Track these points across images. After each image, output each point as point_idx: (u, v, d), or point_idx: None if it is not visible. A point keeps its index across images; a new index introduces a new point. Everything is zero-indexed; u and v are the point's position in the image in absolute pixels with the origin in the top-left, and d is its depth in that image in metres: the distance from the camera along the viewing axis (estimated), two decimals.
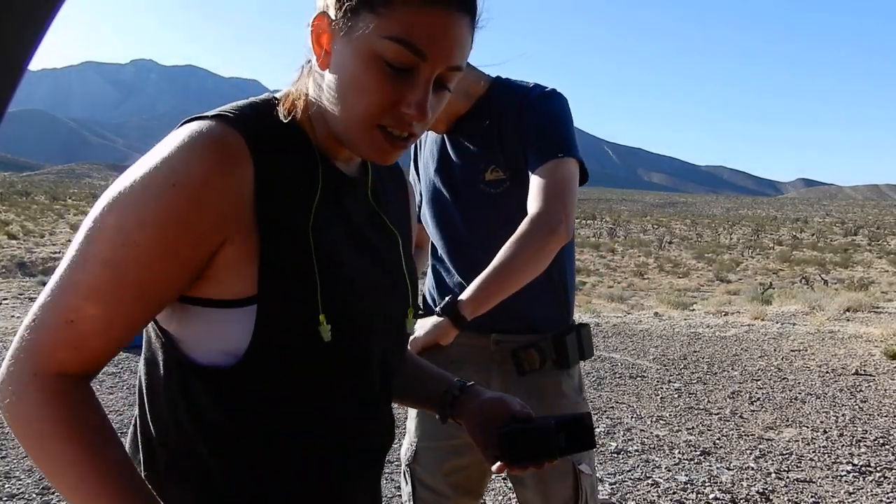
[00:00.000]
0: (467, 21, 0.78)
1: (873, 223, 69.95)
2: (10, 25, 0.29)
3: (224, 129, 0.75)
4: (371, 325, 0.86)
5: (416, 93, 0.78)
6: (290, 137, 0.83)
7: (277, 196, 0.78)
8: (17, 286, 14.54)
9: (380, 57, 0.76)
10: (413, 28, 0.75)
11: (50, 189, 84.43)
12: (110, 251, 0.72)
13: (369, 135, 0.80)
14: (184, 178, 0.72)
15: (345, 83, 0.79)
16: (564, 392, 1.64)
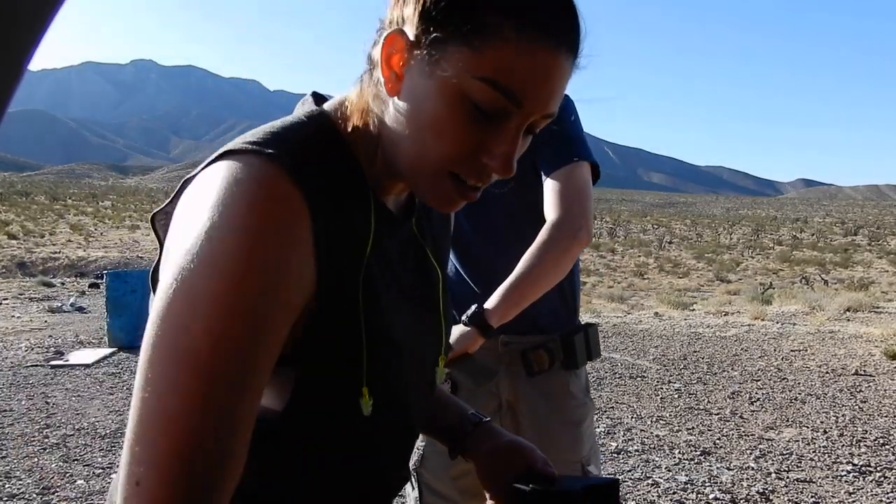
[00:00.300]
0: (571, 62, 0.67)
1: (873, 223, 69.95)
2: (10, 25, 0.29)
3: (279, 181, 0.62)
4: (408, 392, 0.79)
5: (503, 144, 0.67)
6: (342, 168, 0.71)
7: (333, 250, 0.67)
8: (17, 286, 14.54)
9: (467, 98, 0.65)
10: (512, 70, 0.64)
11: (50, 189, 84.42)
12: (213, 362, 0.57)
13: (439, 181, 0.70)
14: (261, 254, 0.60)
15: (420, 120, 0.67)
16: (572, 392, 1.63)
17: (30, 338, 7.72)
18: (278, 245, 0.61)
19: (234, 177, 0.62)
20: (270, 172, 0.62)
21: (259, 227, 0.60)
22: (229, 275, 0.58)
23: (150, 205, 57.84)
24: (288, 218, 0.62)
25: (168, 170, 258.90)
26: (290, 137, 0.68)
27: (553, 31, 0.64)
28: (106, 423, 4.56)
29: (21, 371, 6.04)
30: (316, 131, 0.72)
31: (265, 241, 0.60)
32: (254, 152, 0.63)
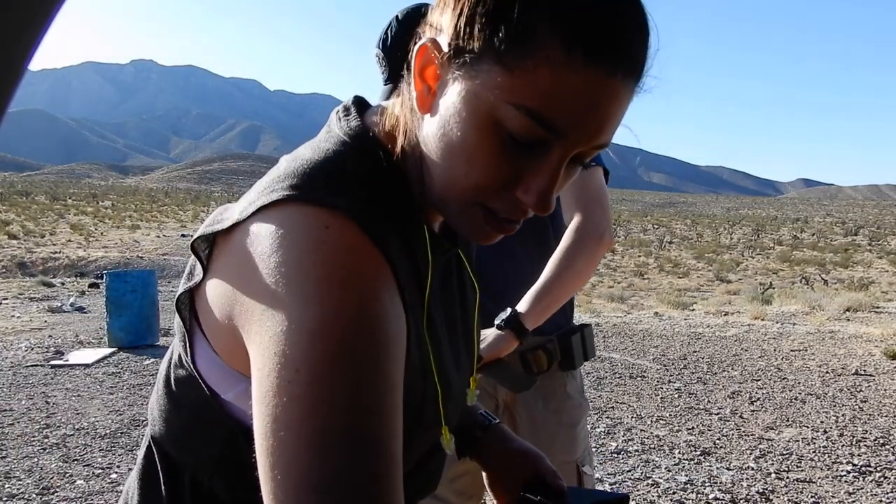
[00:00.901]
0: (630, 87, 0.57)
1: (873, 223, 69.97)
2: (10, 25, 0.29)
3: (352, 236, 0.57)
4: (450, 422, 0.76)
5: (540, 178, 0.59)
6: (395, 198, 0.66)
7: (407, 291, 0.62)
8: (17, 286, 14.54)
9: (501, 125, 0.57)
10: (553, 97, 0.55)
11: (50, 189, 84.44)
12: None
13: (468, 212, 0.63)
14: (360, 313, 0.54)
15: (450, 144, 0.60)
16: (569, 393, 1.65)
17: (30, 338, 7.72)
18: (379, 311, 0.55)
19: (306, 243, 0.56)
20: (342, 231, 0.57)
21: (358, 287, 0.55)
22: (360, 359, 0.53)
23: (150, 204, 57.86)
24: (386, 280, 0.58)
25: (168, 170, 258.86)
26: (342, 173, 0.63)
27: (610, 52, 0.54)
28: (106, 423, 4.56)
29: (21, 371, 6.05)
30: (363, 157, 0.66)
31: (367, 303, 0.55)
32: (314, 201, 0.58)
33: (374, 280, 0.57)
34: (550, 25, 0.54)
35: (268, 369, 0.54)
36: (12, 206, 44.53)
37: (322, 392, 0.52)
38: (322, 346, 0.52)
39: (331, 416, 0.51)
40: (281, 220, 0.58)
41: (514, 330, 1.42)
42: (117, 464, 3.83)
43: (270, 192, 0.60)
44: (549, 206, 0.60)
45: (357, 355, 0.53)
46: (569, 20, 0.54)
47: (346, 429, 0.51)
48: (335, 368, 0.52)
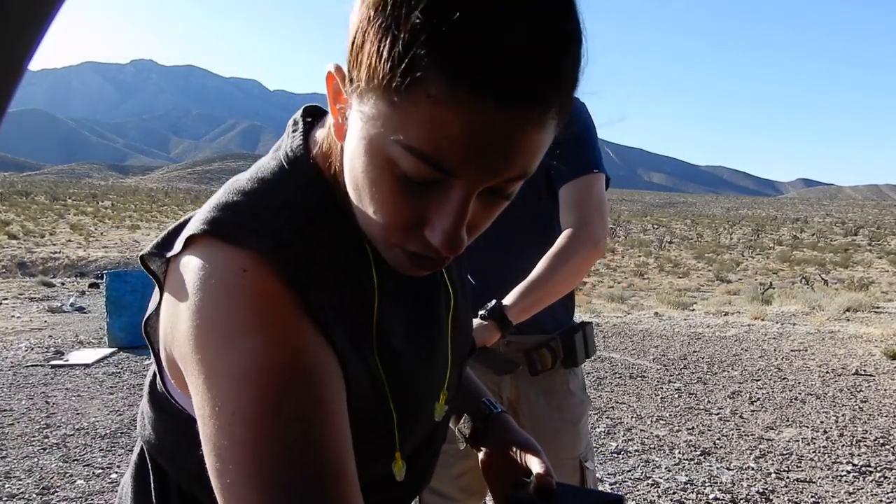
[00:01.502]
0: (538, 113, 0.50)
1: (873, 223, 69.97)
2: (10, 25, 0.29)
3: (267, 281, 0.57)
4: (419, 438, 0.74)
5: (445, 219, 0.55)
6: (330, 224, 0.63)
7: (338, 324, 0.61)
8: (17, 286, 14.54)
9: (396, 164, 0.53)
10: (439, 136, 0.50)
11: (50, 189, 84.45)
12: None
13: (389, 252, 0.61)
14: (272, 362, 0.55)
15: (356, 180, 0.57)
16: (572, 390, 1.66)
17: (30, 338, 7.73)
18: (302, 346, 0.56)
19: (224, 289, 0.56)
20: (258, 276, 0.57)
21: (274, 331, 0.55)
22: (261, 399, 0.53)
23: (150, 204, 57.87)
24: (299, 322, 0.57)
25: (168, 170, 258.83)
26: (271, 207, 0.62)
27: (501, 83, 0.48)
28: (106, 423, 4.56)
29: (21, 371, 6.05)
30: (298, 184, 0.64)
31: (284, 345, 0.55)
32: (235, 241, 0.58)
33: (290, 322, 0.56)
34: (432, 57, 0.48)
35: (205, 414, 0.55)
36: (12, 206, 44.54)
37: (259, 434, 0.53)
38: (250, 392, 0.53)
39: (270, 456, 0.53)
40: (203, 259, 0.58)
41: (497, 321, 1.43)
42: (117, 464, 3.83)
43: (197, 224, 0.61)
44: (458, 247, 0.56)
45: (286, 394, 0.54)
46: (452, 51, 0.48)
47: (287, 467, 0.52)
48: (266, 410, 0.53)
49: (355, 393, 0.61)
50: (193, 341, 0.57)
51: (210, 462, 0.55)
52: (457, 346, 0.79)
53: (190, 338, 0.57)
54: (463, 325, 0.82)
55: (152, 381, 0.74)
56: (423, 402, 0.74)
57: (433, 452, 0.82)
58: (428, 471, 0.83)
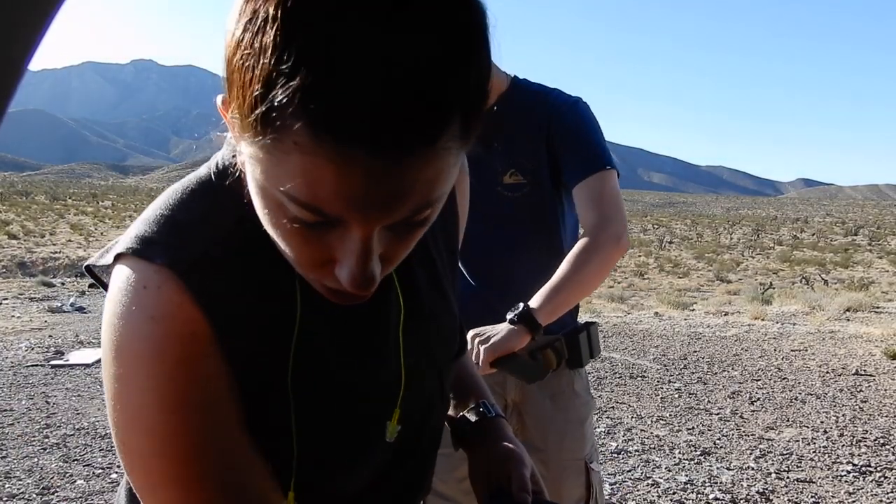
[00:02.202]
0: (420, 153, 0.46)
1: (873, 223, 69.95)
2: (10, 25, 0.29)
3: (169, 298, 0.57)
4: (352, 466, 0.70)
5: (348, 258, 0.52)
6: (252, 240, 0.60)
7: (238, 348, 0.60)
8: (17, 286, 14.54)
9: (286, 209, 0.50)
10: (315, 186, 0.46)
11: (50, 189, 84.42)
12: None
13: (315, 284, 0.58)
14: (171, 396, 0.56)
15: (260, 216, 0.55)
16: (577, 391, 1.66)
17: (30, 338, 7.72)
18: (198, 378, 0.57)
19: (120, 310, 0.57)
20: (157, 294, 0.57)
21: (163, 367, 0.56)
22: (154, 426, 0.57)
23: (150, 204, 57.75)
24: (199, 346, 0.57)
25: (168, 170, 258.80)
26: (189, 220, 0.61)
27: (369, 128, 0.44)
28: (106, 423, 4.54)
29: (21, 371, 6.04)
30: (223, 195, 0.61)
31: (173, 381, 0.56)
32: (144, 257, 0.58)
33: (183, 349, 0.57)
34: (295, 106, 0.44)
35: (112, 434, 0.60)
36: (12, 206, 44.53)
37: (138, 465, 0.58)
38: (137, 428, 0.58)
39: (149, 488, 0.58)
40: (116, 276, 0.60)
41: (526, 325, 1.42)
42: (117, 464, 3.83)
43: (125, 239, 0.62)
44: (369, 284, 0.53)
45: (168, 436, 0.56)
46: (310, 100, 0.43)
47: (179, 500, 0.57)
48: (147, 448, 0.57)
49: (252, 419, 0.61)
50: (104, 359, 0.59)
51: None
52: (415, 359, 0.74)
53: (103, 354, 0.60)
54: (426, 332, 0.76)
55: None
56: (362, 426, 0.70)
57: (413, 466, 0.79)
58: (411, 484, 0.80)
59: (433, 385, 0.78)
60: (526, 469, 0.85)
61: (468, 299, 1.56)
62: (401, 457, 0.75)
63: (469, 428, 0.90)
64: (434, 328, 0.77)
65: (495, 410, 0.93)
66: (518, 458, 0.86)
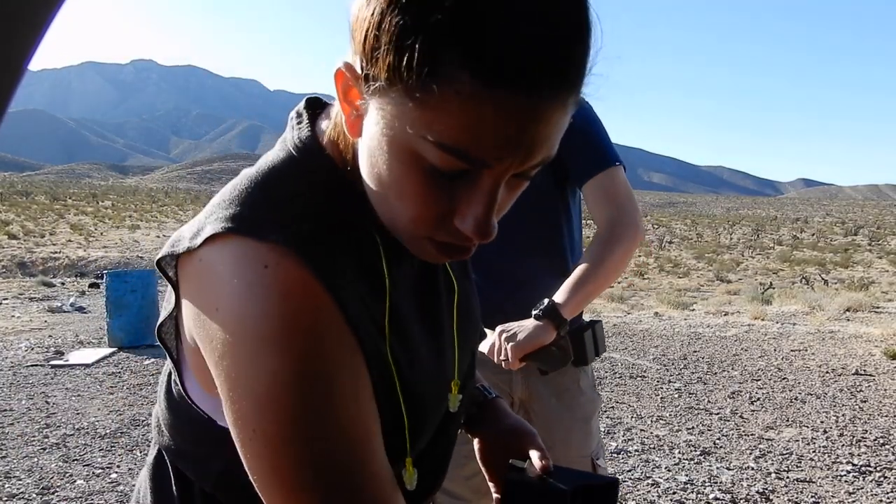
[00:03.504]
0: (560, 100, 0.52)
1: (873, 223, 69.95)
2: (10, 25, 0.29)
3: (295, 276, 0.56)
4: (429, 432, 0.73)
5: (475, 207, 0.56)
6: (346, 214, 0.63)
7: (362, 319, 0.61)
8: (17, 286, 14.54)
9: (423, 158, 0.53)
10: (469, 131, 0.51)
11: (50, 189, 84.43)
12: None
13: (417, 244, 0.61)
14: (308, 372, 0.55)
15: (379, 176, 0.57)
16: (582, 388, 1.67)
17: (30, 338, 7.72)
18: (330, 352, 0.57)
19: (244, 290, 0.56)
20: (281, 270, 0.56)
21: (295, 344, 0.55)
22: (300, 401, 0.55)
23: (150, 204, 57.85)
24: (328, 320, 0.57)
25: (168, 170, 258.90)
26: (287, 197, 0.61)
27: (527, 74, 0.49)
28: (106, 423, 4.56)
29: (21, 371, 6.05)
30: (311, 174, 0.64)
31: (306, 357, 0.55)
32: (254, 235, 0.58)
33: (314, 322, 0.56)
34: (455, 54, 0.49)
35: (231, 422, 0.58)
36: (12, 206, 44.54)
37: (278, 450, 0.55)
38: (268, 412, 0.55)
39: (293, 470, 0.55)
40: (222, 257, 0.58)
41: (552, 319, 1.45)
42: (117, 464, 3.83)
43: (215, 221, 0.59)
44: (489, 234, 0.57)
45: (305, 413, 0.55)
46: (474, 47, 0.48)
47: (311, 482, 0.55)
48: (284, 431, 0.55)
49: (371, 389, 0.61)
50: (219, 348, 0.57)
51: (245, 463, 0.58)
52: (463, 335, 0.78)
53: (215, 344, 0.57)
54: (468, 313, 0.81)
55: (168, 387, 0.73)
56: (435, 395, 0.73)
57: (447, 444, 0.81)
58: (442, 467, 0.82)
59: (471, 363, 0.83)
60: (538, 438, 0.89)
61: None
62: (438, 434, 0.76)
63: (474, 411, 0.93)
64: (470, 311, 0.82)
65: (493, 392, 0.96)
66: (529, 432, 0.89)
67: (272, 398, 0.54)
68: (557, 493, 0.79)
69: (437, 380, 0.73)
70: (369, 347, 0.61)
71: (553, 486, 0.80)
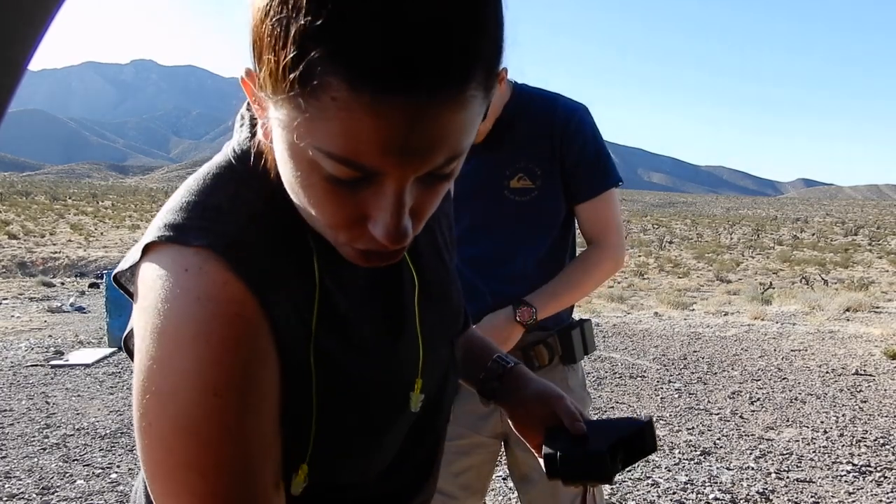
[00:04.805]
0: (450, 97, 0.49)
1: (873, 223, 69.93)
2: (10, 25, 0.29)
3: (212, 278, 0.57)
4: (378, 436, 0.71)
5: (382, 212, 0.53)
6: (275, 220, 0.62)
7: (287, 327, 0.61)
8: (17, 286, 14.54)
9: (319, 167, 0.52)
10: (354, 140, 0.49)
11: (50, 189, 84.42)
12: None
13: (341, 249, 0.60)
14: (218, 378, 0.55)
15: (290, 183, 0.56)
16: (571, 387, 1.68)
17: (30, 338, 7.72)
18: (241, 361, 0.56)
19: (163, 294, 0.56)
20: (201, 274, 0.56)
21: (208, 350, 0.55)
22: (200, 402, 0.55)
23: (150, 204, 57.85)
24: (244, 327, 0.57)
25: (168, 170, 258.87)
26: (216, 204, 0.61)
27: (402, 77, 0.46)
28: (106, 423, 4.56)
29: (21, 371, 6.04)
30: (244, 178, 0.63)
31: (217, 364, 0.55)
32: (180, 241, 0.58)
33: (229, 331, 0.56)
34: (330, 63, 0.46)
35: (134, 415, 0.58)
36: (12, 206, 44.54)
37: (168, 448, 0.56)
38: (170, 410, 0.55)
39: (177, 471, 0.56)
40: (153, 264, 0.59)
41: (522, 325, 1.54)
42: (117, 464, 3.83)
43: (152, 231, 0.61)
44: (403, 238, 0.54)
45: (204, 419, 0.55)
46: (344, 50, 0.46)
47: (194, 485, 0.55)
48: (180, 430, 0.55)
49: (283, 395, 0.61)
50: (138, 344, 0.58)
51: (139, 456, 0.59)
52: (429, 329, 0.76)
53: (138, 341, 0.58)
54: (439, 304, 0.79)
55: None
56: (387, 396, 0.71)
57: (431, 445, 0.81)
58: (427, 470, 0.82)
59: (447, 357, 0.81)
60: (566, 400, 0.89)
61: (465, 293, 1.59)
62: (420, 433, 0.77)
63: (497, 382, 0.93)
64: (444, 301, 0.81)
65: (512, 360, 0.96)
66: (555, 393, 0.90)
67: (176, 398, 0.55)
68: (595, 456, 0.81)
69: (390, 380, 0.72)
70: (294, 350, 0.61)
71: (589, 450, 0.82)
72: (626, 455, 0.85)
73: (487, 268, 1.61)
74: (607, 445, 0.82)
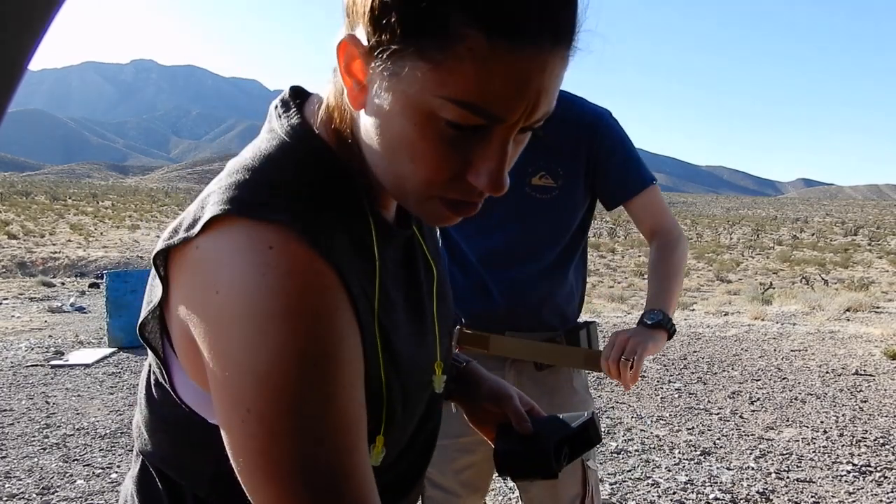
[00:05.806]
0: (561, 54, 0.55)
1: (873, 223, 69.93)
2: (11, 25, 0.29)
3: (301, 257, 0.56)
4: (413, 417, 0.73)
5: (490, 161, 0.58)
6: (340, 195, 0.65)
7: (358, 298, 0.61)
8: (17, 286, 14.54)
9: (437, 116, 0.55)
10: (484, 87, 0.53)
11: (50, 189, 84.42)
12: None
13: (427, 205, 0.62)
14: (308, 343, 0.55)
15: (391, 141, 0.58)
16: (575, 388, 1.68)
17: (30, 338, 7.72)
18: (336, 331, 0.56)
19: (249, 270, 0.55)
20: (287, 250, 0.56)
21: (302, 322, 0.54)
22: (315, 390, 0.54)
23: (150, 204, 57.86)
24: (333, 298, 0.57)
25: (168, 170, 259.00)
26: (284, 180, 0.62)
27: (532, 29, 0.52)
28: (106, 423, 4.56)
29: (21, 371, 6.04)
30: (305, 156, 0.64)
31: (312, 337, 0.55)
32: (256, 217, 0.57)
33: (321, 302, 0.56)
34: (464, 15, 0.51)
35: (222, 406, 0.56)
36: (12, 206, 44.55)
37: (272, 433, 0.54)
38: (269, 389, 0.54)
39: (284, 453, 0.54)
40: (224, 240, 0.57)
41: (666, 327, 1.52)
42: (117, 464, 3.83)
43: (214, 205, 0.59)
44: (501, 186, 0.59)
45: (304, 394, 0.54)
46: (482, 6, 0.51)
47: (302, 465, 0.54)
48: (281, 411, 0.54)
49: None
50: (216, 329, 0.55)
51: (231, 455, 0.56)
52: (442, 318, 0.80)
53: (212, 326, 0.56)
54: (445, 296, 0.83)
55: (149, 392, 0.71)
56: (420, 376, 0.73)
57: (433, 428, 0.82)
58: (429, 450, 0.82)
59: (449, 346, 0.85)
60: (515, 400, 0.94)
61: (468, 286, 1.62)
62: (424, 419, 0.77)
63: (453, 384, 0.97)
64: (449, 292, 0.85)
65: (464, 358, 1.00)
66: (506, 393, 0.94)
67: (274, 375, 0.53)
68: (540, 453, 0.87)
69: (421, 361, 0.74)
70: (366, 327, 0.61)
71: (535, 449, 0.88)
72: (572, 450, 0.91)
73: (498, 263, 1.61)
74: (552, 443, 0.87)
